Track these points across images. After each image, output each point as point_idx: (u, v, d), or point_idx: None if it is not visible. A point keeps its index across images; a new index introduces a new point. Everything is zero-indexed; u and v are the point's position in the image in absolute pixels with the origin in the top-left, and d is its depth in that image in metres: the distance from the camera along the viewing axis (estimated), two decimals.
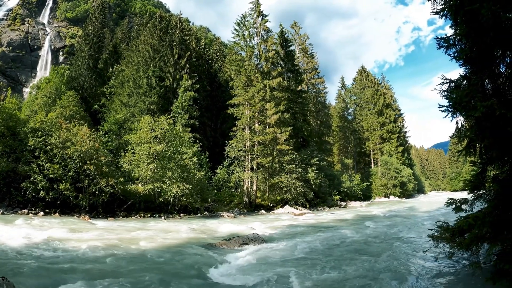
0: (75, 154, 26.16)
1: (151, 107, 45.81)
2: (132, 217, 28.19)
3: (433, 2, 9.87)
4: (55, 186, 25.03)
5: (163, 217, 28.71)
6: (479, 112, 7.35)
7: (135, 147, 31.94)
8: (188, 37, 59.79)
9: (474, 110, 7.60)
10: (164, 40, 54.04)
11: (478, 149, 9.17)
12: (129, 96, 48.32)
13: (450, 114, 9.10)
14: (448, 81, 9.23)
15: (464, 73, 9.33)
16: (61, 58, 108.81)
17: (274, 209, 41.11)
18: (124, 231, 18.81)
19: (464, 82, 9.04)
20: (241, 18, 46.71)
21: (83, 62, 59.30)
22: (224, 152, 43.26)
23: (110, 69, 58.81)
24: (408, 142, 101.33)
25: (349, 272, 10.86)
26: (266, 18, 46.47)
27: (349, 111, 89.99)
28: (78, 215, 25.43)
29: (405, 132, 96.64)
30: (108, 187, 26.61)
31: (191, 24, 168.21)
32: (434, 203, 47.59)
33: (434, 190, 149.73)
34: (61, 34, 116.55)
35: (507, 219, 8.38)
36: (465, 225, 9.47)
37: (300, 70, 61.77)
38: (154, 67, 48.87)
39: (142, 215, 29.09)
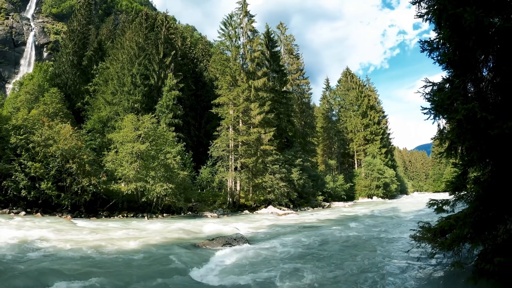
0: (58, 152, 25.67)
1: (135, 105, 45.51)
2: (115, 217, 27.87)
3: (418, 6, 10.00)
4: (37, 185, 24.57)
5: (146, 217, 28.52)
6: (461, 114, 7.45)
7: (118, 146, 31.55)
8: (173, 36, 59.47)
9: (456, 112, 7.70)
10: (150, 38, 53.67)
11: (459, 151, 9.29)
12: (113, 94, 47.79)
13: (432, 116, 9.18)
14: (431, 84, 9.35)
15: (447, 76, 9.47)
16: (45, 54, 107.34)
17: (257, 209, 41.15)
18: (106, 231, 18.63)
19: (447, 85, 9.15)
20: (227, 17, 46.56)
21: (67, 59, 58.53)
22: (208, 152, 43.01)
23: (95, 67, 58.09)
24: (392, 144, 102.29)
25: (332, 272, 10.93)
26: (253, 18, 46.42)
27: (334, 112, 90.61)
28: (60, 214, 25.08)
29: (389, 133, 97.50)
30: (91, 186, 26.23)
31: (177, 22, 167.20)
32: (416, 204, 48.19)
33: (417, 191, 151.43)
34: (45, 29, 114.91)
35: (488, 220, 8.55)
36: (446, 225, 9.63)
37: (285, 71, 61.91)
38: (139, 65, 48.51)
39: (125, 215, 28.80)
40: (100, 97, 50.00)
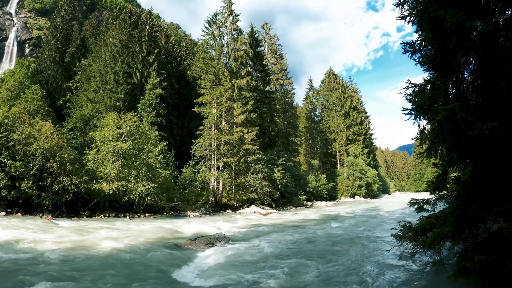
0: (38, 151, 25.14)
1: (118, 103, 45.04)
2: (97, 216, 27.51)
3: (401, 8, 10.09)
4: (17, 184, 24.01)
5: (128, 216, 28.20)
6: (441, 115, 7.54)
7: (100, 144, 31.04)
8: (157, 34, 59.19)
9: (436, 113, 7.78)
10: (133, 36, 53.14)
11: (439, 151, 9.39)
12: (95, 92, 47.15)
13: (413, 117, 9.26)
14: (413, 85, 9.43)
15: (428, 78, 9.59)
16: (27, 50, 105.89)
17: (240, 209, 41.19)
18: (87, 231, 18.39)
19: (428, 87, 9.24)
20: (212, 16, 46.40)
21: (49, 55, 57.33)
22: (191, 151, 42.87)
23: (77, 64, 56.86)
24: (374, 144, 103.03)
25: (315, 271, 10.95)
26: (237, 17, 46.52)
27: (316, 112, 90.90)
28: (41, 214, 24.62)
29: (371, 134, 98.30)
30: (72, 185, 25.79)
31: (161, 20, 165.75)
32: (398, 203, 48.60)
33: (399, 190, 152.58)
34: (28, 25, 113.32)
35: (469, 219, 8.71)
36: (427, 224, 9.79)
37: (268, 71, 61.93)
38: (122, 63, 48.01)
39: (107, 214, 28.47)
40: (82, 94, 49.20)
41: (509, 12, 8.23)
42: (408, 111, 9.22)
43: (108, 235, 17.46)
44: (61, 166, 26.01)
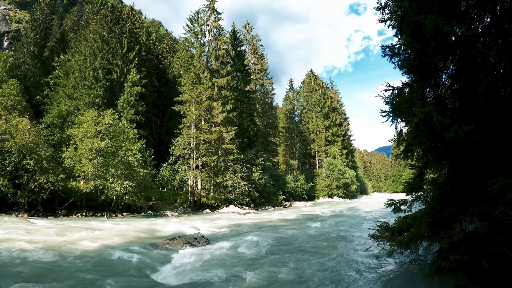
0: (14, 148, 24.48)
1: (96, 100, 44.41)
2: (74, 216, 27.02)
3: (382, 12, 10.18)
4: None
5: (105, 216, 27.70)
6: (418, 118, 7.64)
7: (77, 142, 30.50)
8: (139, 30, 58.61)
9: (413, 116, 7.87)
10: (114, 32, 52.40)
11: (415, 153, 9.52)
12: (74, 88, 46.18)
13: (390, 119, 9.34)
14: (391, 88, 9.51)
15: (407, 81, 9.68)
16: (5, 44, 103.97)
17: (218, 208, 41.13)
18: (64, 231, 18.07)
19: (407, 90, 9.33)
20: (194, 14, 46.17)
21: (28, 49, 55.89)
22: (169, 150, 42.60)
23: (56, 58, 55.76)
24: (353, 145, 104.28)
25: (292, 270, 11.01)
26: (220, 16, 46.41)
27: (296, 113, 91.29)
28: (16, 213, 24.04)
29: (350, 135, 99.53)
30: (49, 183, 25.23)
31: (143, 16, 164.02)
32: (375, 204, 49.26)
33: (377, 191, 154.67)
34: (7, 17, 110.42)
35: (445, 220, 8.92)
36: (403, 225, 9.95)
37: (249, 70, 61.99)
38: (102, 59, 47.23)
39: (84, 214, 28.02)
40: (60, 90, 48.10)
41: (488, 19, 8.37)
42: (386, 113, 9.30)
43: (84, 235, 17.19)
44: (38, 164, 25.45)
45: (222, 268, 11.40)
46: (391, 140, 10.02)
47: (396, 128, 9.67)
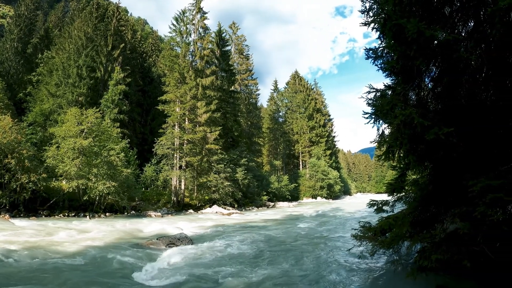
0: None
1: (80, 98, 43.90)
2: (56, 216, 26.56)
3: (366, 14, 10.24)
4: None
5: (88, 216, 27.42)
6: (399, 119, 7.72)
7: (60, 140, 29.99)
8: (124, 28, 58.13)
9: (395, 118, 7.95)
10: (99, 29, 51.85)
11: (396, 154, 9.61)
12: (57, 85, 45.48)
13: (372, 121, 9.44)
14: (374, 90, 9.59)
15: (389, 83, 9.80)
16: None
17: (202, 209, 41.02)
18: (45, 232, 17.83)
19: (389, 92, 9.40)
20: (180, 13, 46.16)
21: (11, 45, 55.13)
22: (153, 150, 42.31)
23: (40, 55, 54.57)
24: (336, 146, 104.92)
25: (275, 271, 11.04)
26: (206, 15, 46.48)
27: (280, 113, 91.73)
28: None
29: (334, 136, 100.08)
30: (30, 183, 24.75)
31: (129, 14, 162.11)
32: (359, 204, 49.67)
33: (360, 192, 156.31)
34: None
35: (426, 220, 9.03)
36: (385, 225, 10.06)
37: (234, 71, 62.14)
38: (86, 57, 46.76)
39: (66, 214, 27.56)
40: (43, 88, 47.10)
41: (472, 24, 8.44)
42: (368, 115, 9.39)
43: (66, 235, 17.00)
44: (19, 163, 24.91)
45: (205, 268, 11.37)
46: (373, 141, 10.13)
47: (378, 129, 9.81)
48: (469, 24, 8.60)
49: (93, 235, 17.60)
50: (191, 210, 39.51)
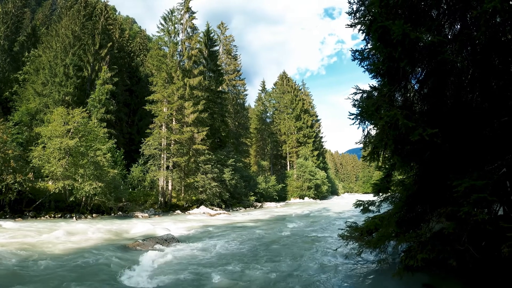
0: None
1: (66, 98, 43.39)
2: (42, 217, 26.24)
3: (354, 16, 10.33)
4: None
5: (74, 217, 27.14)
6: (384, 121, 7.79)
7: (46, 140, 29.51)
8: (112, 27, 57.62)
9: (380, 119, 8.00)
10: (87, 27, 51.23)
11: (381, 155, 9.68)
12: (44, 84, 44.72)
13: (357, 122, 9.49)
14: (361, 91, 9.68)
15: (375, 85, 9.91)
16: None
17: (189, 209, 40.83)
18: (31, 233, 17.62)
19: (375, 93, 9.47)
20: (168, 12, 46.06)
21: None
22: (140, 150, 41.99)
23: (26, 54, 53.88)
24: (324, 147, 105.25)
25: (262, 271, 11.06)
26: (194, 15, 46.34)
27: (268, 114, 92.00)
28: None
29: (321, 137, 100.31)
30: (16, 184, 24.41)
31: (117, 13, 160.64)
32: (346, 204, 49.93)
33: (348, 192, 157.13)
34: None
35: (412, 220, 9.16)
36: (372, 225, 10.20)
37: (222, 71, 62.08)
38: (73, 55, 46.22)
39: (53, 215, 27.18)
40: (29, 87, 46.33)
41: (458, 27, 8.52)
42: (354, 116, 9.44)
43: (52, 237, 16.80)
44: (5, 163, 24.59)
45: (192, 269, 11.32)
46: (358, 142, 10.21)
47: (364, 130, 9.90)
48: (456, 27, 8.73)
49: (79, 237, 17.41)
50: (178, 211, 39.35)
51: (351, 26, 9.72)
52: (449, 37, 8.71)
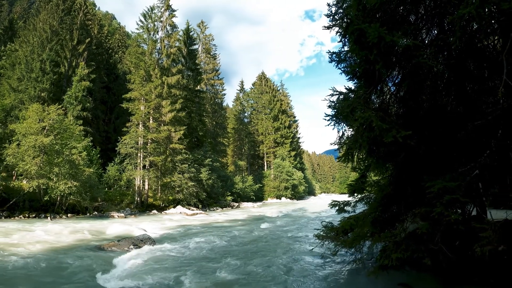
0: None
1: (42, 94, 42.47)
2: (16, 217, 25.63)
3: (332, 18, 10.40)
4: None
5: (49, 217, 26.52)
6: (358, 122, 7.94)
7: (20, 138, 28.80)
8: (91, 22, 56.64)
9: (355, 121, 8.13)
10: (65, 22, 50.19)
11: (355, 156, 9.80)
12: (20, 80, 43.37)
13: (333, 123, 9.71)
14: (338, 93, 9.79)
15: (352, 87, 10.03)
16: None
17: (166, 209, 40.55)
18: (3, 233, 17.33)
19: (352, 95, 9.53)
20: (148, 9, 45.59)
21: None
22: (116, 149, 41.51)
23: (2, 48, 52.31)
24: (301, 147, 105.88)
25: (239, 271, 11.08)
26: (174, 13, 46.03)
27: (246, 114, 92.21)
28: None
29: (299, 137, 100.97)
30: None
31: (96, 8, 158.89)
32: (322, 205, 50.11)
33: (325, 192, 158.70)
34: None
35: (387, 220, 9.35)
36: (347, 225, 10.33)
37: (200, 70, 61.84)
38: (50, 51, 44.98)
39: (27, 215, 26.56)
40: (5, 82, 44.87)
41: (435, 32, 8.64)
42: (330, 117, 9.58)
43: (25, 238, 16.45)
44: None
45: (167, 270, 11.27)
46: (333, 143, 10.38)
47: (339, 131, 10.08)
48: (433, 32, 8.94)
49: (53, 237, 17.09)
50: (155, 211, 39.05)
51: (328, 28, 9.80)
52: (426, 41, 8.91)
